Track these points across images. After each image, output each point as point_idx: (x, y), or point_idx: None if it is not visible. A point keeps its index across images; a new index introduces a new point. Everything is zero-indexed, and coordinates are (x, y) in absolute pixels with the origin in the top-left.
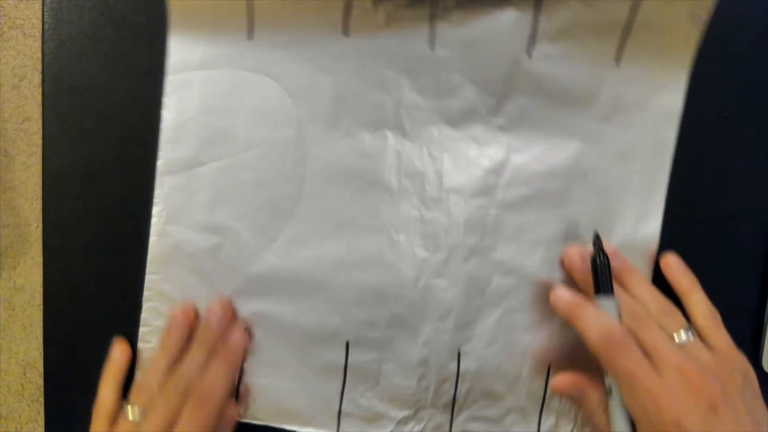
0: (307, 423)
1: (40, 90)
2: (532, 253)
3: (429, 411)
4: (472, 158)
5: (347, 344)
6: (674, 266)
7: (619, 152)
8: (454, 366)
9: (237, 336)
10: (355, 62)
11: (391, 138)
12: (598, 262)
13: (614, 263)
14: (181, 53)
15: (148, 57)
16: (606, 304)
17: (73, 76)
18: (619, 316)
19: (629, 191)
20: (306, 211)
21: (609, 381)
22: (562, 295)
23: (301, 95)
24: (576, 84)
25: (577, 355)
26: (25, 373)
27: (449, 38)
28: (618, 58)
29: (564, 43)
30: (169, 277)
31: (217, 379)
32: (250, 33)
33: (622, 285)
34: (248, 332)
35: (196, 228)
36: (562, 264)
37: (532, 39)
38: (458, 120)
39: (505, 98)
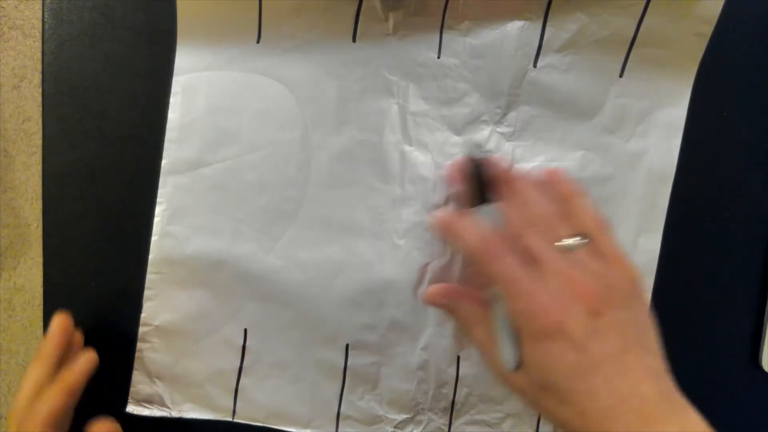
0: (305, 425)
1: (40, 90)
2: None
3: (427, 415)
4: None
5: (347, 347)
6: (561, 176)
7: (623, 163)
8: (453, 370)
9: (80, 360)
10: (362, 68)
11: (395, 144)
12: (477, 171)
13: (505, 170)
14: (189, 54)
15: (148, 57)
16: (486, 211)
17: (73, 76)
18: (504, 224)
19: (631, 202)
20: (308, 214)
21: (494, 290)
22: (436, 216)
23: (307, 99)
24: (580, 95)
25: None
26: None
27: (456, 47)
28: (622, 71)
29: (569, 54)
30: (170, 278)
31: (46, 406)
32: (258, 36)
33: (512, 192)
34: (93, 356)
35: (198, 228)
36: (447, 174)
37: (539, 49)
38: (463, 127)
39: (510, 107)
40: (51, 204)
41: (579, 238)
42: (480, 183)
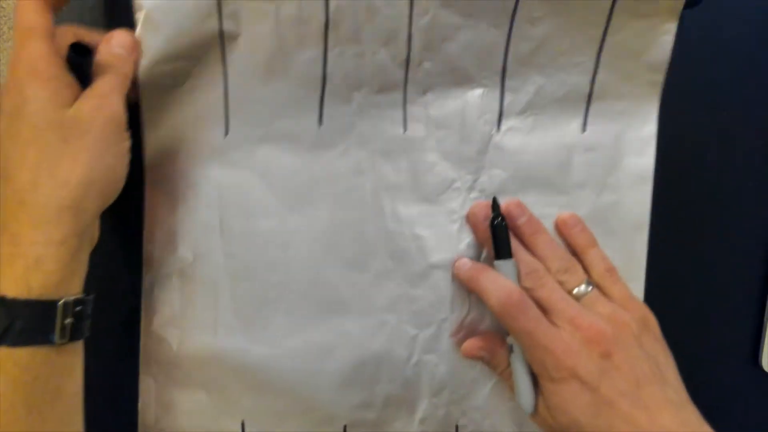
0: None
1: None
2: None
3: None
4: (453, 233)
5: (344, 428)
6: (571, 224)
7: (597, 217)
8: None
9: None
10: (331, 149)
11: (372, 219)
12: (495, 224)
13: (520, 221)
14: (157, 149)
15: None
16: (504, 266)
17: None
18: (520, 278)
19: (610, 254)
20: (292, 298)
21: (510, 340)
22: (462, 264)
23: (280, 186)
24: (547, 153)
25: None
26: None
27: (421, 119)
28: (584, 126)
29: (530, 115)
30: (161, 379)
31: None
32: (226, 129)
33: (527, 244)
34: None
35: (183, 325)
36: (467, 220)
37: (500, 114)
38: (436, 197)
39: (479, 173)
40: None
41: (589, 286)
42: (498, 234)
